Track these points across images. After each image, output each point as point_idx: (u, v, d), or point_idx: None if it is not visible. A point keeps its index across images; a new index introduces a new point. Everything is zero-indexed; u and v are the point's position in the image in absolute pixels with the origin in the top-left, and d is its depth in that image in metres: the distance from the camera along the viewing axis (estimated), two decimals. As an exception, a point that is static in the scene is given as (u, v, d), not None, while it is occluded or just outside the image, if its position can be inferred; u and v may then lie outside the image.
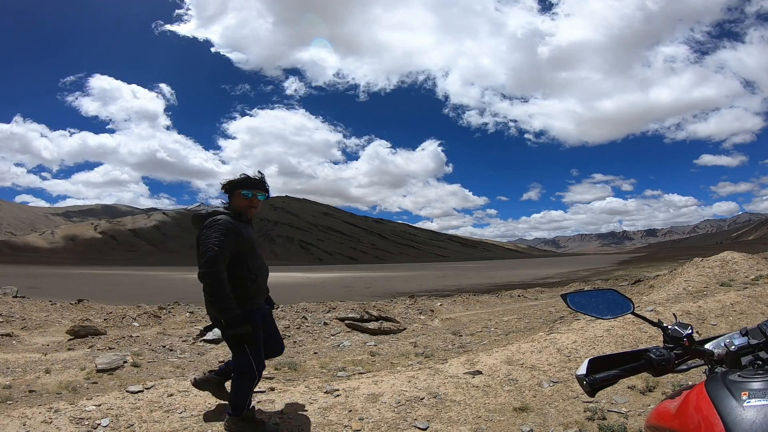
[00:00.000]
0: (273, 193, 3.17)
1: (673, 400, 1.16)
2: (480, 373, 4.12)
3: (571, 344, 4.77)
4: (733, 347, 1.17)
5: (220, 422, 3.26)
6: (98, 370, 5.15)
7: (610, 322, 5.06)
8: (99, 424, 3.14)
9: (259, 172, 2.95)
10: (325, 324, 8.43)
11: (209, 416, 3.32)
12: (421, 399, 3.64)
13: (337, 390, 3.85)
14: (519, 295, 15.03)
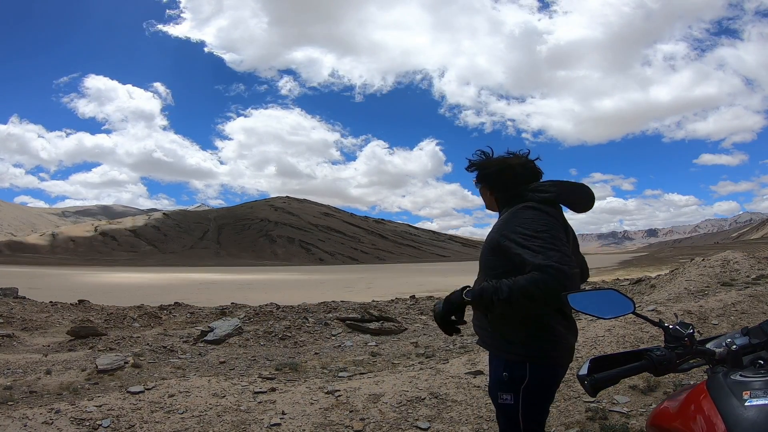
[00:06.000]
0: (273, 194, 2.76)
1: (675, 400, 1.16)
2: (481, 372, 4.12)
3: (572, 344, 4.77)
4: (734, 347, 1.17)
5: (221, 423, 3.26)
6: (99, 371, 5.15)
7: (611, 322, 5.05)
8: (100, 425, 3.15)
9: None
10: (326, 324, 8.42)
11: (210, 417, 3.33)
12: (423, 399, 3.65)
13: (339, 390, 3.85)
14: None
